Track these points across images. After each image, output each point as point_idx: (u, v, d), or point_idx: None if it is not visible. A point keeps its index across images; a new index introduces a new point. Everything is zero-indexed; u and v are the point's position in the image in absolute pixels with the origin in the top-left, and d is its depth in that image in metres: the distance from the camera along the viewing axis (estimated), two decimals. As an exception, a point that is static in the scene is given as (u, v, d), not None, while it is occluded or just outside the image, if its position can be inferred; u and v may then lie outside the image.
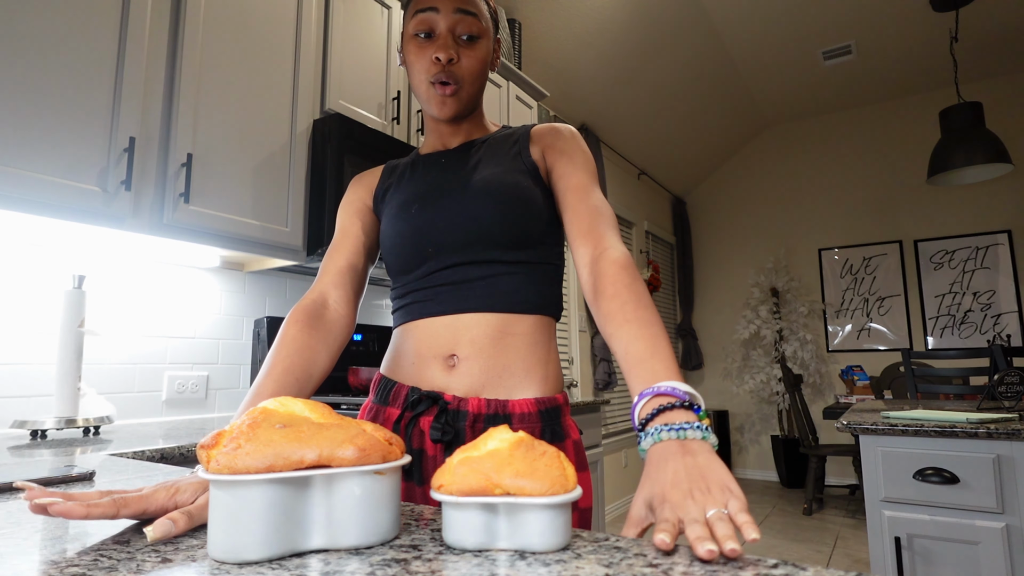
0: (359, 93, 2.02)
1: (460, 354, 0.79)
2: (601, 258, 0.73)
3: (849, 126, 5.20)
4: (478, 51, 0.85)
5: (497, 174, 0.84)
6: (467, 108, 0.88)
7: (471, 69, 0.84)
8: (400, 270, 0.86)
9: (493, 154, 0.88)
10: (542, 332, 0.82)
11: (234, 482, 0.40)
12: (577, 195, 0.82)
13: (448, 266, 0.82)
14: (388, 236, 0.87)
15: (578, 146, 0.88)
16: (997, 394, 1.78)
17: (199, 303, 1.87)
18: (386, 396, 0.84)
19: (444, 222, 0.82)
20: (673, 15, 3.51)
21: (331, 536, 0.43)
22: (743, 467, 5.36)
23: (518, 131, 0.92)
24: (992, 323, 4.48)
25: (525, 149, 0.88)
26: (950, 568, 1.43)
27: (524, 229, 0.81)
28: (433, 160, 0.92)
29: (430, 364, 0.80)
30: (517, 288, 0.81)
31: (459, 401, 0.77)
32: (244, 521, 0.40)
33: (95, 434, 1.35)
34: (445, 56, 0.82)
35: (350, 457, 0.43)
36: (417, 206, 0.85)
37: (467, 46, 0.84)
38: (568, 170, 0.85)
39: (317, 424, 0.45)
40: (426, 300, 0.82)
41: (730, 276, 5.62)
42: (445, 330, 0.80)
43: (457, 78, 0.84)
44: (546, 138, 0.89)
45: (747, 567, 0.37)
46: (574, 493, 0.43)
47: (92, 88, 1.33)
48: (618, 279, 0.69)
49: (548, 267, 0.85)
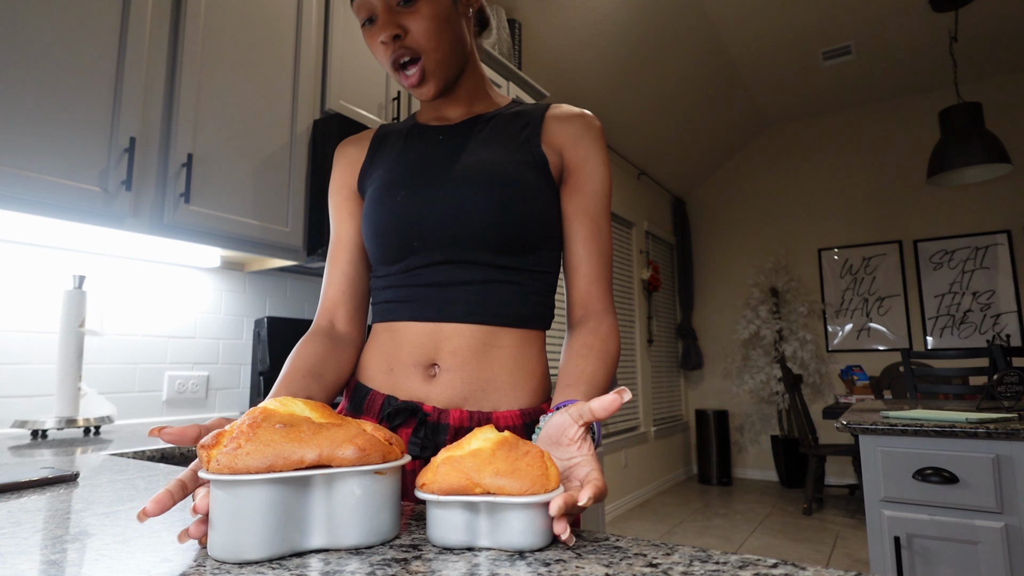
0: (359, 93, 2.02)
1: (442, 364, 0.73)
2: (603, 318, 0.76)
3: (849, 126, 5.20)
4: (424, 9, 0.73)
5: (500, 164, 0.75)
6: (447, 77, 0.78)
7: (424, 32, 0.74)
8: (381, 260, 0.79)
9: (498, 136, 0.79)
10: (530, 344, 0.76)
11: (234, 482, 0.40)
12: (591, 227, 0.77)
13: (433, 263, 0.75)
14: (370, 222, 0.78)
15: (602, 151, 0.80)
16: (996, 394, 1.78)
17: (199, 303, 1.87)
18: (359, 404, 0.77)
19: (433, 215, 0.74)
20: (673, 15, 3.51)
21: (331, 536, 0.43)
22: (743, 467, 5.36)
23: (531, 111, 0.82)
24: (992, 323, 4.48)
25: (536, 136, 0.78)
26: (950, 568, 1.43)
27: (521, 233, 0.74)
28: (430, 134, 0.82)
29: (409, 373, 0.74)
30: (507, 300, 0.74)
31: (439, 413, 0.72)
32: (244, 521, 0.40)
33: (96, 434, 1.35)
34: (388, 35, 0.73)
35: (350, 457, 0.43)
36: (404, 192, 0.76)
37: (409, 10, 0.73)
38: (587, 187, 0.78)
39: (317, 424, 0.45)
40: (408, 301, 0.76)
41: (730, 276, 5.62)
42: (427, 338, 0.74)
43: (414, 50, 0.74)
44: (568, 129, 0.79)
45: (747, 567, 0.37)
46: (555, 492, 0.43)
47: (92, 88, 1.33)
48: (614, 347, 0.74)
49: (542, 275, 0.78)
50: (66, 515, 0.53)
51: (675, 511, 4.21)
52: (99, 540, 0.45)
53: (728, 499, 4.54)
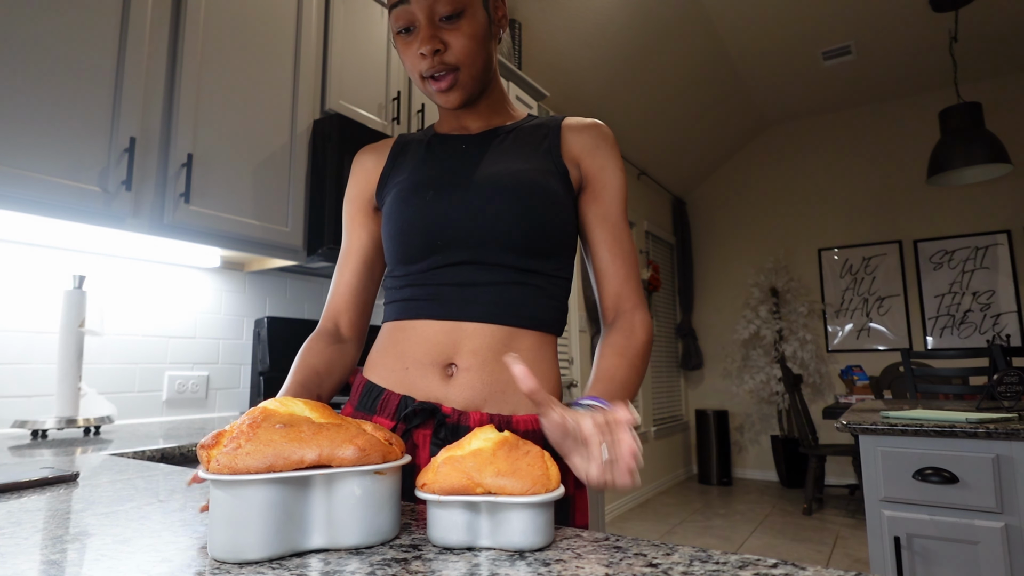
0: (359, 93, 2.02)
1: (460, 364, 0.73)
2: (633, 315, 0.79)
3: (849, 126, 5.20)
4: (465, 28, 0.76)
5: (525, 171, 0.77)
6: (474, 91, 0.80)
7: (463, 49, 0.76)
8: (401, 259, 0.79)
9: (520, 147, 0.81)
10: (545, 349, 0.77)
11: (234, 482, 0.40)
12: (613, 232, 0.80)
13: (455, 263, 0.75)
14: (394, 220, 0.79)
15: (617, 159, 0.83)
16: (996, 394, 1.78)
17: (199, 303, 1.87)
18: (372, 404, 0.76)
19: (460, 215, 0.75)
20: (673, 15, 3.51)
21: (332, 536, 0.43)
22: (743, 467, 5.36)
23: (548, 123, 0.85)
24: (992, 323, 4.48)
25: (556, 147, 0.81)
26: (950, 568, 1.43)
27: (544, 237, 0.75)
28: (453, 143, 0.84)
29: (426, 372, 0.74)
30: (525, 301, 0.75)
31: (459, 415, 0.71)
32: (245, 521, 0.40)
33: (96, 434, 1.35)
34: (428, 48, 0.75)
35: (350, 457, 0.43)
36: (432, 192, 0.77)
37: (451, 27, 0.76)
38: (605, 195, 0.81)
39: (317, 424, 0.45)
40: (426, 299, 0.76)
41: (730, 276, 5.62)
42: (445, 336, 0.74)
43: (451, 65, 0.76)
44: (584, 140, 0.82)
45: (747, 567, 0.37)
46: (555, 493, 0.43)
47: (93, 88, 1.33)
48: (641, 340, 0.77)
49: (559, 281, 0.79)
50: (66, 515, 0.53)
51: (675, 511, 4.21)
52: (99, 540, 0.45)
53: (728, 499, 4.54)
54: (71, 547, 0.43)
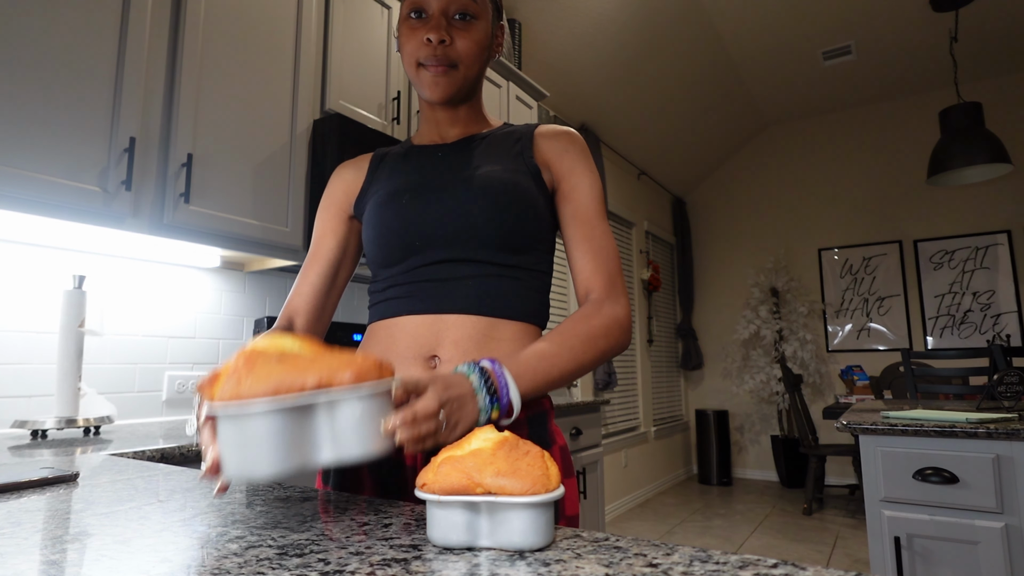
0: (359, 93, 2.02)
1: (443, 356, 0.75)
2: (600, 304, 0.77)
3: (849, 126, 5.20)
4: (473, 32, 0.80)
5: (497, 172, 0.80)
6: (462, 91, 0.83)
7: (466, 50, 0.79)
8: (383, 262, 0.82)
9: (494, 151, 0.84)
10: (528, 339, 0.79)
11: (243, 408, 0.43)
12: (584, 230, 0.81)
13: (435, 261, 0.78)
14: (373, 226, 0.82)
15: (587, 161, 0.85)
16: (997, 394, 1.78)
17: (199, 303, 1.87)
18: None
19: (436, 215, 0.78)
20: (673, 15, 3.51)
21: (337, 451, 0.47)
22: (743, 467, 5.36)
23: (521, 129, 0.88)
24: (992, 323, 4.48)
25: (528, 149, 0.84)
26: (950, 568, 1.43)
27: (519, 232, 0.78)
28: (429, 152, 0.87)
29: (409, 365, 0.75)
30: (505, 293, 0.77)
31: None
32: (255, 443, 0.43)
33: (95, 434, 1.35)
34: (436, 36, 0.77)
35: (349, 379, 0.47)
36: (409, 196, 0.80)
37: (461, 26, 0.79)
38: (576, 194, 0.82)
39: (311, 357, 0.48)
40: (408, 296, 0.78)
41: (730, 276, 5.62)
42: (427, 330, 0.76)
43: (451, 60, 0.79)
44: (554, 145, 0.85)
45: (747, 567, 0.37)
46: (556, 492, 0.43)
47: (92, 88, 1.33)
48: (595, 324, 0.75)
49: (538, 274, 0.82)
50: (66, 515, 0.53)
51: (675, 511, 4.21)
52: (99, 540, 0.45)
53: (728, 499, 4.55)
54: (71, 547, 0.43)
